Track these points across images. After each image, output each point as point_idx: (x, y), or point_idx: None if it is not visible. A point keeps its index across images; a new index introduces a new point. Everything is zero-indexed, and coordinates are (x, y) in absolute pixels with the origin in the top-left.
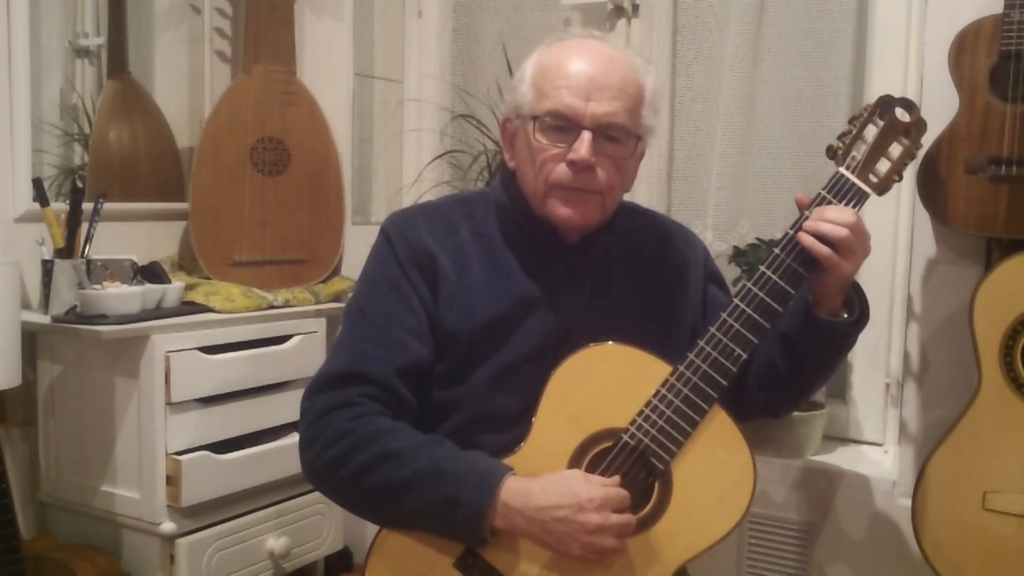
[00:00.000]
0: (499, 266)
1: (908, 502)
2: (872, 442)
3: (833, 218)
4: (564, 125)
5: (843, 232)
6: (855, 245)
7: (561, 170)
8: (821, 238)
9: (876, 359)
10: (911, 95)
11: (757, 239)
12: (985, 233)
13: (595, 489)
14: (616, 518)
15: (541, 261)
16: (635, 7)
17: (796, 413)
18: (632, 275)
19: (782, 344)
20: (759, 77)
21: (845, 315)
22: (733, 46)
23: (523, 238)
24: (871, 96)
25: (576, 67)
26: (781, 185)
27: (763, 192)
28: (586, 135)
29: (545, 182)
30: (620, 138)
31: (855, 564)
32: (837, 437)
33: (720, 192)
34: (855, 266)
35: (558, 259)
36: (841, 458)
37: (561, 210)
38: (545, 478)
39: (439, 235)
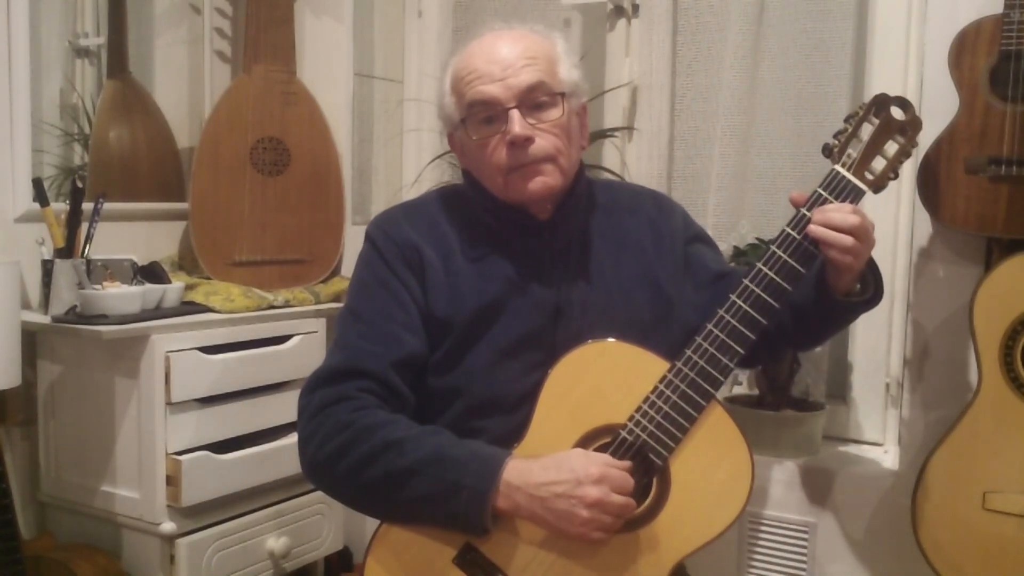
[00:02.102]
0: (483, 252)
1: (908, 502)
2: (872, 442)
3: (838, 224)
4: (491, 114)
5: (848, 241)
6: (863, 248)
7: (506, 154)
8: (830, 247)
9: (876, 359)
10: (911, 95)
11: (757, 239)
12: (985, 233)
13: (594, 465)
14: (617, 498)
15: (521, 242)
16: (635, 7)
17: (796, 413)
18: (611, 247)
19: (794, 314)
20: (759, 77)
21: (858, 286)
22: (733, 46)
23: (500, 224)
24: (871, 96)
25: (480, 58)
26: (781, 185)
27: (763, 192)
28: (514, 113)
29: (498, 170)
30: (546, 101)
31: (855, 564)
32: (837, 437)
33: (720, 192)
34: (864, 260)
35: (536, 237)
36: (841, 458)
37: (521, 188)
38: (545, 457)
39: (421, 229)
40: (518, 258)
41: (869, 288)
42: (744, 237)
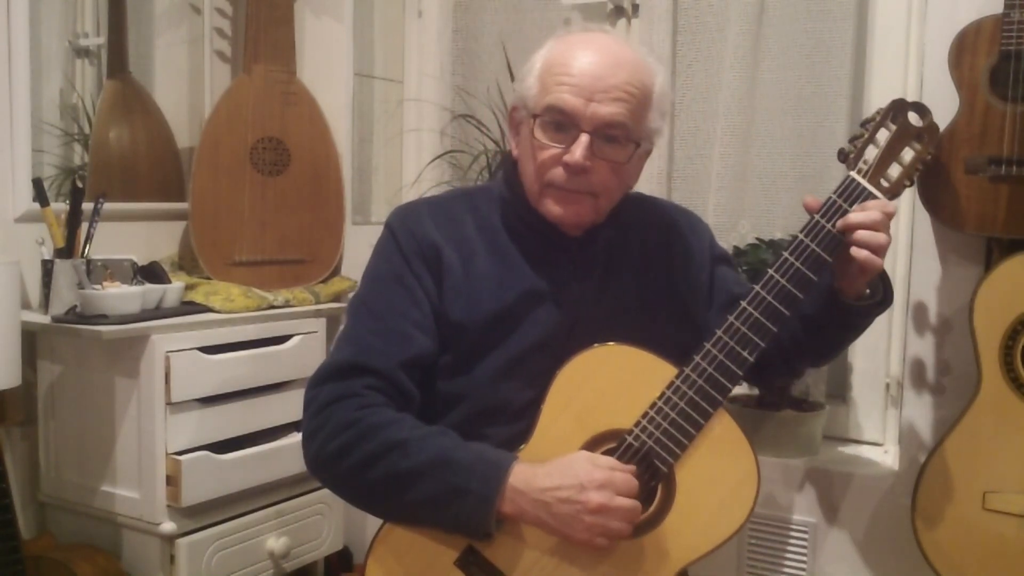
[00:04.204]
0: (505, 259)
1: (908, 502)
2: (872, 442)
3: (866, 223)
4: (563, 121)
5: (883, 239)
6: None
7: (557, 171)
8: (868, 248)
9: (876, 359)
10: (911, 95)
11: (757, 239)
12: (985, 233)
13: (598, 471)
14: (621, 501)
15: (546, 254)
16: (635, 7)
17: (796, 413)
18: (638, 266)
19: (804, 324)
20: (759, 77)
21: (868, 291)
22: (733, 46)
23: (527, 231)
24: (871, 96)
25: (580, 64)
26: (781, 185)
27: (763, 192)
28: (583, 138)
29: (541, 180)
30: (620, 139)
31: (855, 564)
32: (837, 437)
33: (720, 192)
34: (883, 259)
35: (563, 251)
36: (841, 458)
37: (553, 208)
38: (550, 462)
39: (443, 228)
40: (541, 270)
41: (878, 291)
42: (744, 237)
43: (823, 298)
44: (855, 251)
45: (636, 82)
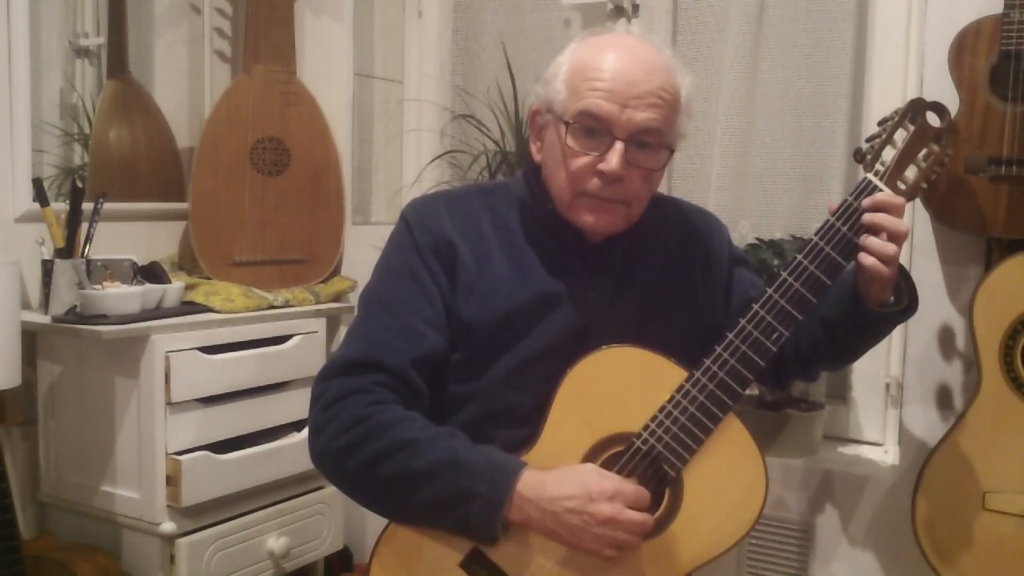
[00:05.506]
0: (520, 260)
1: (908, 502)
2: (872, 442)
3: (889, 228)
4: (597, 127)
5: (891, 250)
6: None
7: (592, 181)
8: (875, 255)
9: (876, 359)
10: (911, 95)
11: (757, 239)
12: (985, 233)
13: (607, 482)
14: (631, 514)
15: (563, 258)
16: (635, 7)
17: (796, 413)
18: (655, 271)
19: (826, 329)
20: (759, 77)
21: (891, 298)
22: (733, 46)
23: (545, 235)
24: (871, 96)
25: (613, 69)
26: (781, 185)
27: (763, 192)
28: (618, 146)
29: (573, 189)
30: (653, 145)
31: (855, 564)
32: (837, 437)
33: (720, 192)
34: (894, 267)
35: (581, 257)
36: (841, 458)
37: (586, 217)
38: (559, 470)
39: (459, 224)
40: (556, 274)
41: (903, 299)
42: (744, 237)
43: (845, 303)
44: (862, 257)
45: (669, 87)
